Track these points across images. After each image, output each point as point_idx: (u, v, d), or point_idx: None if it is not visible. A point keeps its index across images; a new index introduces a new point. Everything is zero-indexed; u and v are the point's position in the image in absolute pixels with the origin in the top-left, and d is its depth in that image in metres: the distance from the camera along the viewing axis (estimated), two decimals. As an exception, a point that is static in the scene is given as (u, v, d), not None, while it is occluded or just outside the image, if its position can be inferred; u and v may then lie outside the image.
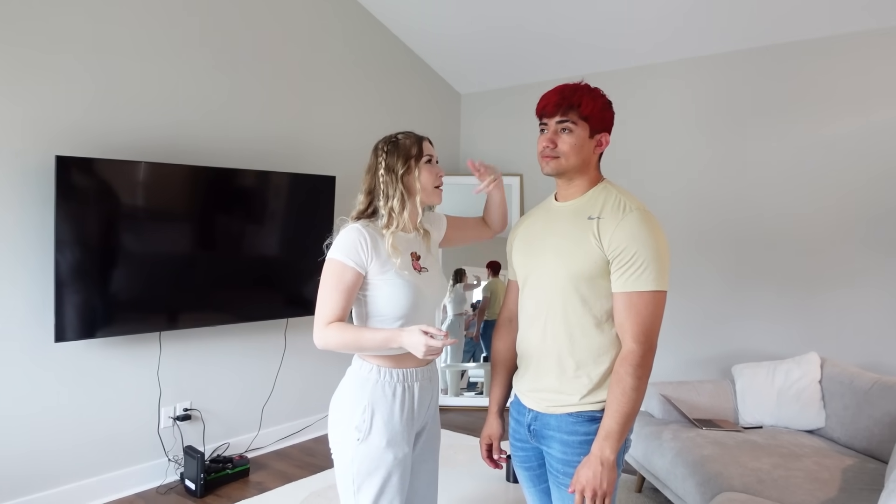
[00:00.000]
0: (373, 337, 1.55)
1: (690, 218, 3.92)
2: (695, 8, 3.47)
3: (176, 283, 3.09)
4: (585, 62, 4.19)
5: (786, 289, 3.58)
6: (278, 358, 3.74)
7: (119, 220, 2.88)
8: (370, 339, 1.55)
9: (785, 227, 3.59)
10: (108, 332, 2.89)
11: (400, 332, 1.52)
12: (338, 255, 1.60)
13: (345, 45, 4.09)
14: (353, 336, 1.56)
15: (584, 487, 1.40)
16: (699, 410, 3.00)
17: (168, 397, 3.26)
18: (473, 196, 2.10)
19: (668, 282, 1.46)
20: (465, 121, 5.08)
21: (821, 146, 3.48)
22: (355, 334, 1.56)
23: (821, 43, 3.46)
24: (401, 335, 1.51)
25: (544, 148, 1.52)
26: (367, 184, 1.71)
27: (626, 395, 1.41)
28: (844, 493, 2.18)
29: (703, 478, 2.39)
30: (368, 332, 1.56)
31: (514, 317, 1.72)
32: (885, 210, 3.29)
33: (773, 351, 3.57)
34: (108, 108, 2.99)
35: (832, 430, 2.77)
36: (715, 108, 3.83)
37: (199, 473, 3.04)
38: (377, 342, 1.55)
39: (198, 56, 3.33)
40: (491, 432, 1.73)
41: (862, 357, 3.32)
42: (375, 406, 1.61)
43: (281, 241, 3.52)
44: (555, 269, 1.52)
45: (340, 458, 1.63)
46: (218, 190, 3.24)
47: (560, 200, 1.60)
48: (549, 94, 1.53)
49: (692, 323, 3.90)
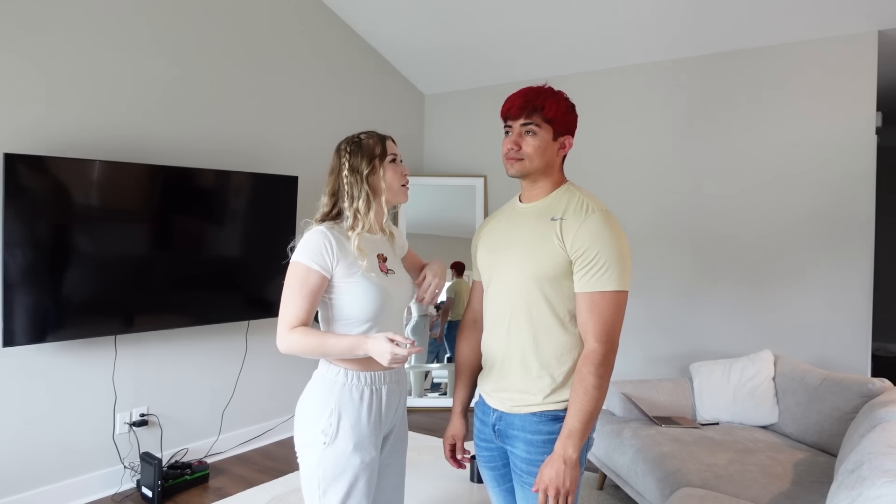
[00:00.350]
0: (337, 343, 1.54)
1: (649, 220, 4.00)
2: (654, 15, 3.54)
3: (132, 285, 3.01)
4: (549, 65, 4.24)
5: (741, 289, 3.68)
6: (239, 361, 3.68)
7: (72, 221, 2.79)
8: (334, 345, 1.54)
9: (739, 229, 3.69)
10: (61, 335, 2.80)
11: (365, 339, 1.52)
12: (302, 258, 1.58)
13: (308, 43, 4.05)
14: (317, 342, 1.54)
15: (548, 486, 1.41)
16: (659, 408, 3.05)
17: (124, 402, 3.17)
18: (437, 196, 2.10)
19: (630, 282, 1.49)
20: (428, 121, 5.08)
21: (773, 149, 3.59)
22: (319, 340, 1.54)
23: (774, 50, 3.57)
24: (366, 342, 1.51)
25: (509, 150, 1.53)
26: (330, 185, 1.68)
27: (589, 394, 1.43)
28: (797, 486, 2.25)
29: (662, 474, 2.44)
30: (333, 339, 1.55)
31: (478, 318, 1.73)
32: (833, 212, 3.41)
33: (730, 349, 3.67)
34: (60, 105, 2.89)
35: (785, 426, 2.85)
36: (673, 111, 3.91)
37: (156, 480, 2.96)
38: (342, 349, 1.54)
39: (156, 52, 3.25)
40: (454, 432, 1.74)
41: (812, 354, 3.43)
42: (342, 410, 1.59)
43: (242, 242, 3.46)
44: (518, 270, 1.53)
45: (306, 462, 1.61)
46: (176, 190, 3.17)
47: (524, 202, 1.62)
48: (513, 96, 1.54)
49: (652, 322, 3.97)
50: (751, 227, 3.66)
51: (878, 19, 3.25)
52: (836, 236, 3.41)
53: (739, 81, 3.69)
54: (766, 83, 3.61)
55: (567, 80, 4.26)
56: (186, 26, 3.39)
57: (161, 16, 3.27)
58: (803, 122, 3.50)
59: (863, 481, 1.48)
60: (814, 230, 3.47)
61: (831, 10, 3.24)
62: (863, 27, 3.31)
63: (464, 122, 4.85)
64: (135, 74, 3.17)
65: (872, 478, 1.46)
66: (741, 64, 3.68)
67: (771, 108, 3.59)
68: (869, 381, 2.57)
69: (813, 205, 3.48)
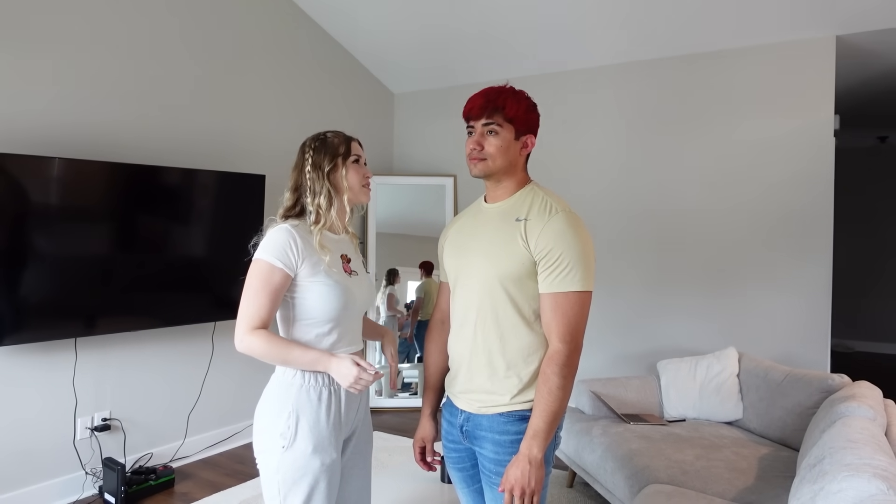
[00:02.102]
0: (301, 355, 1.54)
1: (614, 219, 4.04)
2: (616, 18, 3.57)
3: (94, 286, 2.93)
4: (517, 65, 4.25)
5: (705, 288, 3.74)
6: (205, 363, 3.61)
7: (29, 220, 2.70)
8: (298, 357, 1.54)
9: (703, 229, 3.75)
10: (18, 338, 2.71)
11: (330, 357, 1.53)
12: (266, 255, 1.55)
13: (275, 40, 3.99)
14: (280, 351, 1.54)
15: (513, 486, 1.41)
16: (627, 406, 3.09)
17: (85, 407, 3.09)
18: (407, 196, 2.08)
19: (594, 282, 1.49)
20: (398, 120, 5.06)
21: (736, 150, 3.65)
22: (283, 349, 1.54)
23: (734, 53, 3.64)
24: (330, 361, 1.52)
25: (471, 150, 1.53)
26: (293, 180, 1.68)
27: (553, 395, 1.43)
28: (761, 480, 2.29)
29: (631, 471, 2.47)
30: (297, 350, 1.55)
31: (446, 318, 1.72)
32: (793, 213, 3.49)
33: (695, 346, 3.73)
34: (17, 101, 2.80)
35: (749, 421, 2.91)
36: (636, 112, 3.96)
37: (119, 486, 2.89)
38: (304, 361, 1.54)
39: (119, 47, 3.17)
40: (424, 435, 1.73)
41: (775, 351, 3.51)
42: (300, 412, 1.57)
43: (208, 241, 3.40)
44: (484, 271, 1.53)
45: (266, 467, 1.58)
46: (139, 188, 3.09)
47: (489, 202, 1.62)
48: (474, 97, 1.54)
49: (619, 321, 4.02)
50: (714, 228, 3.72)
51: (835, 24, 3.33)
52: (796, 236, 3.49)
53: (701, 84, 3.75)
54: (727, 86, 3.67)
55: (532, 81, 4.27)
56: (151, 23, 3.31)
57: (125, 12, 3.19)
58: (763, 124, 3.57)
59: (824, 475, 1.51)
60: (775, 230, 3.55)
61: (791, 15, 3.31)
62: (821, 32, 3.40)
63: (433, 122, 4.85)
64: (98, 70, 3.09)
65: (834, 472, 1.49)
66: (702, 67, 3.74)
67: (732, 110, 3.66)
68: (829, 377, 2.63)
69: (773, 206, 3.55)
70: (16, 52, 2.80)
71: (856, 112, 5.07)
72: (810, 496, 1.49)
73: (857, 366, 5.98)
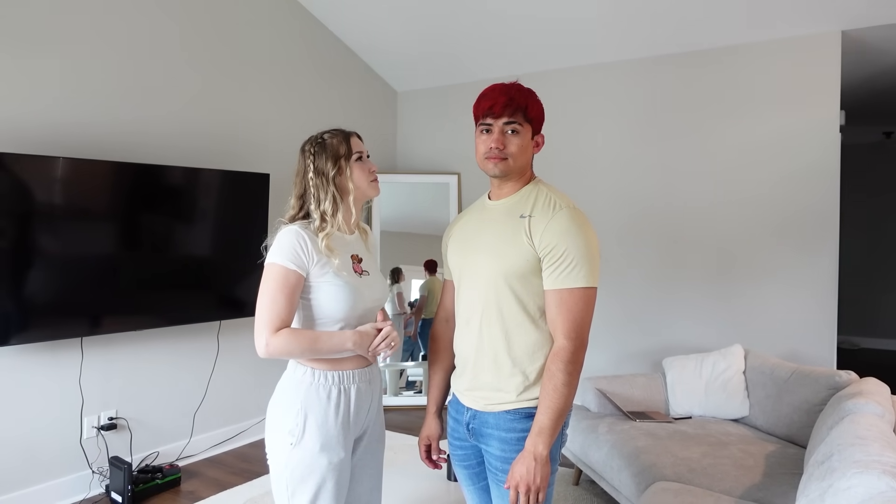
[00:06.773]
0: (328, 339, 1.56)
1: (619, 216, 4.03)
2: (623, 14, 3.56)
3: (99, 285, 2.94)
4: (520, 63, 4.24)
5: (711, 285, 3.73)
6: (211, 362, 3.62)
7: (34, 220, 2.71)
8: (325, 341, 1.56)
9: (708, 227, 3.74)
10: (24, 338, 2.72)
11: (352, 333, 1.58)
12: (278, 258, 1.55)
13: (279, 39, 3.99)
14: (308, 339, 1.54)
15: (518, 483, 1.40)
16: (633, 403, 3.08)
17: (91, 406, 3.10)
18: (411, 194, 2.08)
19: (599, 278, 1.49)
20: (401, 118, 5.05)
21: (741, 146, 3.64)
22: (311, 337, 1.55)
23: (740, 50, 3.62)
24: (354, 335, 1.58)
25: (491, 149, 1.50)
26: (297, 188, 1.66)
27: (558, 391, 1.42)
28: (768, 478, 2.28)
29: (637, 469, 2.46)
30: (324, 335, 1.56)
31: (450, 316, 1.72)
32: (799, 209, 3.48)
33: (701, 344, 3.72)
34: (22, 101, 2.81)
35: (755, 418, 2.90)
36: (641, 109, 3.95)
37: (126, 485, 2.90)
38: (333, 344, 1.56)
39: (122, 47, 3.18)
40: (429, 433, 1.73)
41: (781, 348, 3.49)
42: (309, 409, 1.57)
43: (213, 240, 3.41)
44: (488, 268, 1.52)
45: (275, 464, 1.59)
46: (144, 187, 3.10)
47: (493, 199, 1.61)
48: (493, 94, 1.50)
49: (625, 318, 4.01)
50: (720, 225, 3.71)
51: (841, 19, 3.31)
52: (802, 232, 3.47)
53: (706, 81, 3.73)
54: (732, 82, 3.66)
55: (536, 78, 4.26)
56: (155, 22, 3.31)
57: (129, 12, 3.19)
58: (769, 120, 3.56)
59: (833, 472, 1.51)
60: (780, 227, 3.53)
61: (796, 10, 3.30)
62: (827, 27, 3.38)
63: (437, 120, 4.84)
64: (102, 70, 3.09)
65: (842, 469, 1.49)
66: (708, 63, 3.73)
67: (737, 106, 3.65)
68: (836, 374, 2.62)
69: (779, 202, 3.54)
70: (20, 52, 2.80)
71: (861, 108, 5.04)
72: (819, 493, 1.48)
73: (864, 362, 5.96)
